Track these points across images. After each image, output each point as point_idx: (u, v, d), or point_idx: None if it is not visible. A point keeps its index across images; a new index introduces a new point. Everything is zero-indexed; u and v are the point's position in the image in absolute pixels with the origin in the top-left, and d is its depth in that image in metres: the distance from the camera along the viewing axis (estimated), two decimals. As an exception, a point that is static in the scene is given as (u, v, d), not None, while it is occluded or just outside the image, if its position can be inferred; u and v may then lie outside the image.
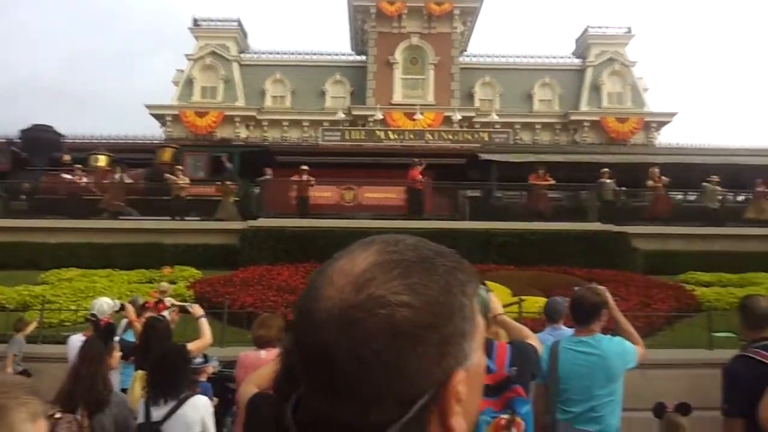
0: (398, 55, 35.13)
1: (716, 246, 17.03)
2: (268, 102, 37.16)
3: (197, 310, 5.35)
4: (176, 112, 35.46)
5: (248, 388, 3.18)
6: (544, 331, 5.50)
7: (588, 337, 3.72)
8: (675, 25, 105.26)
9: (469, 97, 33.29)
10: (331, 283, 0.70)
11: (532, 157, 20.83)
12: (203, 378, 5.82)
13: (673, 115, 30.70)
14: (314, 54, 38.27)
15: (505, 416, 2.71)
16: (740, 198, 20.16)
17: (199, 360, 5.69)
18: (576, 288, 4.40)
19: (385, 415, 0.67)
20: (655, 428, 5.32)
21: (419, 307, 0.68)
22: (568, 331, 5.07)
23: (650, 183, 18.98)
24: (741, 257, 16.24)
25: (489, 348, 2.91)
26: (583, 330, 3.79)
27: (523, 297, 11.11)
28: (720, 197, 19.41)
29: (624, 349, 3.69)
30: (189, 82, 36.69)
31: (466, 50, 36.02)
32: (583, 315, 3.77)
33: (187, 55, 37.31)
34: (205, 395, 4.25)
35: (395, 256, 0.71)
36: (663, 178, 18.98)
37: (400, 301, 0.67)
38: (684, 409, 4.53)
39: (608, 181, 19.03)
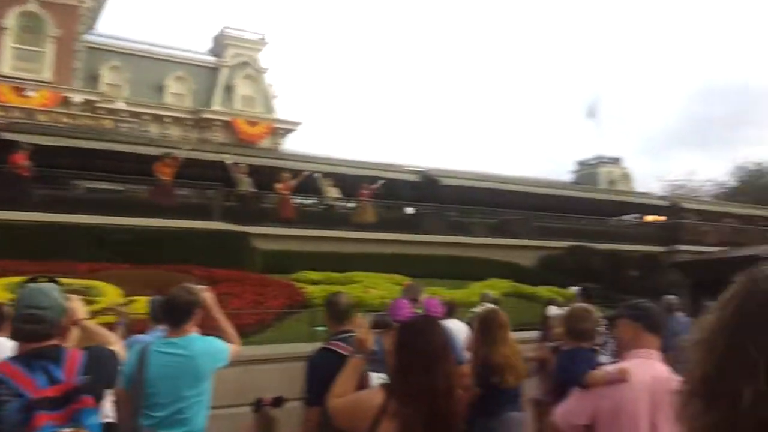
0: (10, 21, 30.38)
1: (326, 247, 18.69)
2: None
3: None
4: None
5: None
6: (149, 332, 5.21)
7: (179, 338, 3.59)
8: (302, 42, 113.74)
9: (95, 79, 30.53)
10: None
11: (63, 142, 18.62)
12: None
13: (298, 124, 32.92)
14: None
15: (68, 430, 2.42)
16: (350, 204, 22.49)
17: None
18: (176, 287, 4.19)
19: None
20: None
21: None
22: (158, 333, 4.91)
23: (279, 186, 19.87)
24: (346, 258, 18.11)
25: (58, 356, 2.55)
26: (176, 331, 3.62)
27: (134, 298, 10.54)
28: (337, 203, 21.43)
29: (214, 349, 3.64)
30: None
31: (94, 28, 32.98)
32: (176, 315, 3.63)
33: None
34: None
35: None
36: (292, 182, 20.10)
37: None
38: (278, 401, 4.67)
39: (246, 178, 19.34)
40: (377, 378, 3.02)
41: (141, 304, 9.89)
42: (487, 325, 5.18)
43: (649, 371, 2.96)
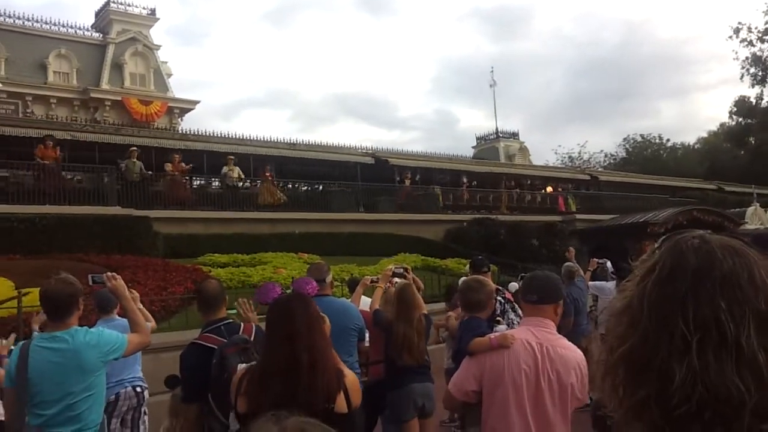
0: None
1: (233, 229, 18.22)
2: None
3: None
4: None
5: None
6: (97, 324, 5.12)
7: (62, 332, 3.35)
8: (202, 16, 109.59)
9: (-33, 59, 27.91)
10: None
11: None
12: None
13: (196, 102, 31.70)
14: None
15: None
16: (255, 184, 21.95)
17: None
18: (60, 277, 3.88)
19: None
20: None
21: None
22: (121, 321, 4.71)
23: (169, 168, 19.11)
24: (254, 238, 17.74)
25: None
26: (57, 324, 3.38)
27: (27, 290, 9.88)
28: (240, 183, 20.83)
29: (101, 340, 3.43)
30: None
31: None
32: (56, 309, 3.38)
33: None
34: None
35: None
36: (182, 164, 19.35)
37: None
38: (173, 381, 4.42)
39: (136, 161, 18.45)
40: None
41: (35, 295, 9.28)
42: (394, 300, 5.26)
43: (536, 339, 3.04)
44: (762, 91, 49.86)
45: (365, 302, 5.94)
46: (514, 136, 41.17)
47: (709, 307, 0.90)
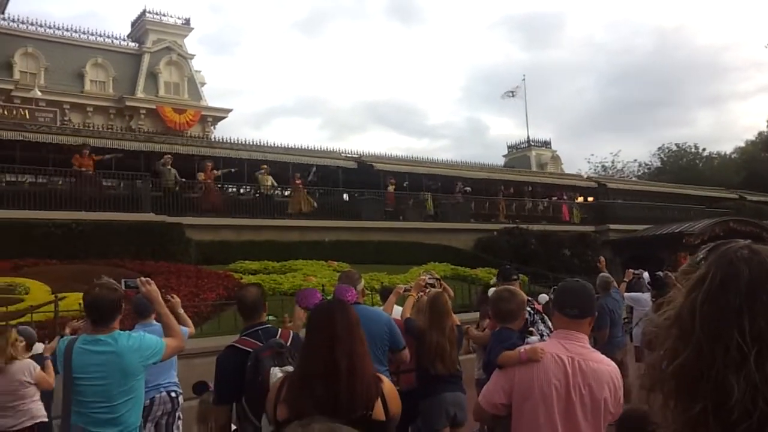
0: None
1: (264, 236, 18.38)
2: None
3: None
4: None
5: None
6: (135, 328, 5.12)
7: (106, 336, 3.42)
8: (235, 25, 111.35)
9: (7, 67, 28.71)
10: None
11: None
12: None
13: (228, 111, 32.09)
14: None
15: None
16: (286, 192, 22.08)
17: None
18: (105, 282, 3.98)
19: None
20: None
21: None
22: (158, 327, 4.67)
23: (201, 176, 19.33)
24: (284, 246, 17.87)
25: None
26: (101, 328, 3.44)
27: (63, 294, 10.12)
28: (272, 191, 20.92)
29: (143, 345, 3.50)
30: None
31: (3, 13, 31.01)
32: (102, 314, 3.45)
33: None
34: None
35: None
36: (215, 172, 19.57)
37: None
38: (200, 388, 4.50)
39: (171, 169, 18.71)
40: (280, 371, 3.00)
41: (71, 300, 9.50)
42: (426, 309, 5.25)
43: (567, 352, 2.97)
44: (802, 99, 48.50)
45: (396, 311, 5.92)
46: (546, 144, 40.86)
47: (764, 320, 0.89)
